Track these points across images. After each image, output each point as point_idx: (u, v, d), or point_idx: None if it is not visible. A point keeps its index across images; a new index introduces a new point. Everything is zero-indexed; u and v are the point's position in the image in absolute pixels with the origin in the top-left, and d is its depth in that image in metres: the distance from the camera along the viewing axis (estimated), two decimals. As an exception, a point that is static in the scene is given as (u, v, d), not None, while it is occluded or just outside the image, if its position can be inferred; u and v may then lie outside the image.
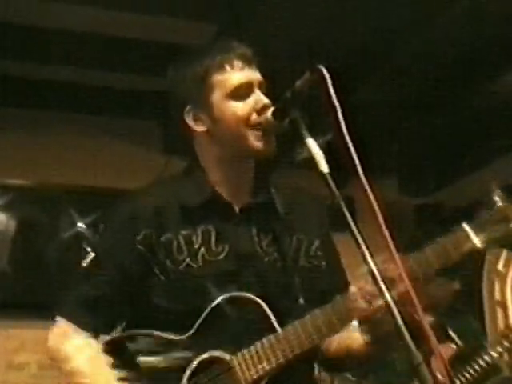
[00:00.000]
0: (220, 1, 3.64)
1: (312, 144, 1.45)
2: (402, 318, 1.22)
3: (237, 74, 1.65)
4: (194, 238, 1.62)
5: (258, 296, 1.56)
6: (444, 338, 2.73)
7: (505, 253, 2.54)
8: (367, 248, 1.31)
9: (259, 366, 1.52)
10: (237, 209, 1.69)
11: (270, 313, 1.55)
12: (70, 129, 4.72)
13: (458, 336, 2.73)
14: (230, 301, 1.56)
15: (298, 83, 1.50)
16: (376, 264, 1.30)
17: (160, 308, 1.60)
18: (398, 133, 4.83)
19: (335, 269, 1.78)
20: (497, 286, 2.49)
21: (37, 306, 4.16)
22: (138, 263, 1.62)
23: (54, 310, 1.71)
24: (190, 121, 1.69)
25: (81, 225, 4.52)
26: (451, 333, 2.67)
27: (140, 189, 1.76)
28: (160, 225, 1.63)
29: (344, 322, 1.54)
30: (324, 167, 1.42)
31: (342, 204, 1.36)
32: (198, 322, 1.56)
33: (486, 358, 2.55)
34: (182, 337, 1.57)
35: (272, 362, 1.52)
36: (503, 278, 2.51)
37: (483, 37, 3.64)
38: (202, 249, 1.61)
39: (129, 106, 4.72)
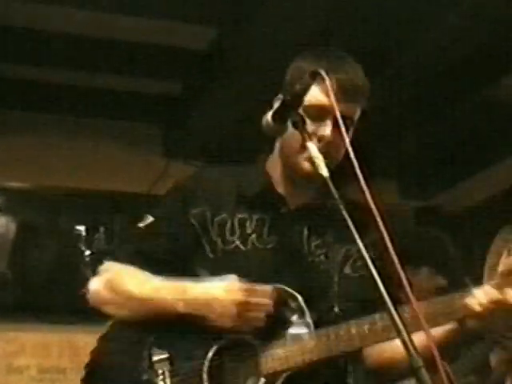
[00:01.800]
0: (220, 4, 3.64)
1: (312, 147, 1.45)
2: (403, 322, 1.22)
3: (321, 94, 1.59)
4: (247, 224, 1.66)
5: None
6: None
7: (504, 258, 2.51)
8: (368, 252, 1.30)
9: (283, 361, 1.53)
10: (292, 206, 1.71)
11: (306, 309, 1.56)
12: (70, 131, 4.72)
13: None
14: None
15: (298, 86, 1.51)
16: (376, 267, 1.30)
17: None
18: (397, 136, 4.82)
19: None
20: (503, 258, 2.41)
21: (37, 310, 4.17)
22: (190, 235, 1.67)
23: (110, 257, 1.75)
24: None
25: (80, 228, 4.53)
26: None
27: (203, 167, 1.84)
28: (217, 204, 1.68)
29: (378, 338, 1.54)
30: (324, 170, 1.42)
31: (343, 207, 1.36)
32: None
33: None
34: None
35: (297, 361, 1.53)
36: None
37: (484, 39, 3.64)
38: (254, 235, 1.65)
39: (129, 109, 4.72)
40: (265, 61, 3.59)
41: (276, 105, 1.58)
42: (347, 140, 1.44)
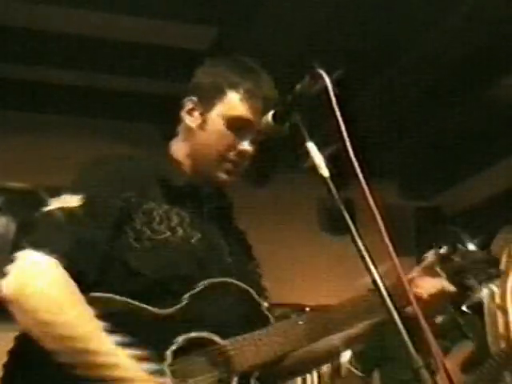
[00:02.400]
0: (220, 5, 3.64)
1: (312, 148, 1.45)
2: (403, 322, 1.22)
3: (249, 109, 1.64)
4: (171, 215, 1.60)
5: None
6: (459, 335, 2.74)
7: (504, 258, 2.55)
8: (368, 252, 1.31)
9: (256, 355, 1.51)
10: (206, 203, 1.69)
11: (262, 305, 1.57)
12: (70, 132, 4.73)
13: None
14: (218, 285, 1.55)
15: (299, 87, 1.51)
16: (377, 268, 1.30)
17: (134, 272, 1.52)
18: (398, 136, 4.83)
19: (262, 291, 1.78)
20: (497, 290, 2.50)
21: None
22: (118, 220, 1.54)
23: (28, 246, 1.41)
24: (185, 109, 1.71)
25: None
26: (466, 332, 2.69)
27: (126, 154, 1.72)
28: (143, 192, 1.59)
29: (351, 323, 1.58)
30: (324, 171, 1.42)
31: (343, 207, 1.37)
32: (184, 299, 1.51)
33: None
34: (163, 311, 1.49)
35: (270, 354, 1.52)
36: (503, 283, 2.52)
37: (484, 39, 3.65)
38: (179, 228, 1.59)
39: (128, 109, 4.73)
40: (265, 60, 3.59)
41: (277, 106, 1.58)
42: (347, 140, 1.44)
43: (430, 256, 1.70)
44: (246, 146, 1.65)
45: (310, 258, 5.30)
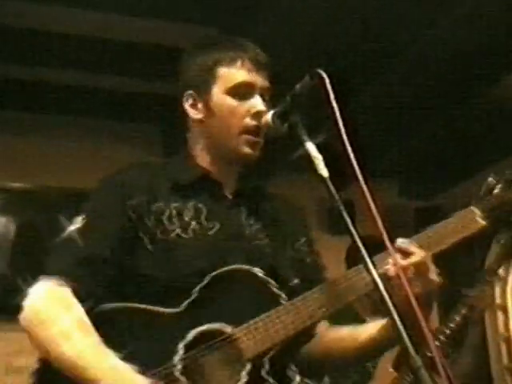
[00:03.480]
0: (220, 4, 3.65)
1: (311, 148, 1.46)
2: (402, 320, 1.22)
3: (243, 72, 1.65)
4: (184, 212, 1.60)
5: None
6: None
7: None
8: (367, 251, 1.31)
9: (267, 338, 1.47)
10: (228, 191, 1.69)
11: (274, 286, 1.53)
12: (69, 132, 4.73)
13: None
14: (230, 274, 1.53)
15: (298, 87, 1.51)
16: (375, 267, 1.30)
17: (147, 278, 1.55)
18: (398, 136, 4.83)
19: (318, 268, 1.78)
20: (498, 290, 2.49)
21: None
22: (128, 230, 1.57)
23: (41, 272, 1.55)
24: (187, 105, 1.71)
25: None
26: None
27: (131, 163, 1.74)
28: (152, 194, 1.61)
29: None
30: (323, 171, 1.42)
31: (342, 207, 1.37)
32: (194, 293, 1.51)
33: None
34: (175, 310, 1.50)
35: (281, 334, 1.48)
36: (504, 282, 2.52)
37: (484, 39, 3.65)
38: (193, 222, 1.60)
39: (129, 110, 4.73)
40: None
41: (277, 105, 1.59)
42: (345, 139, 1.44)
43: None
44: (257, 105, 1.64)
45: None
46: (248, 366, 1.46)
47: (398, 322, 1.22)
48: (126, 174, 1.66)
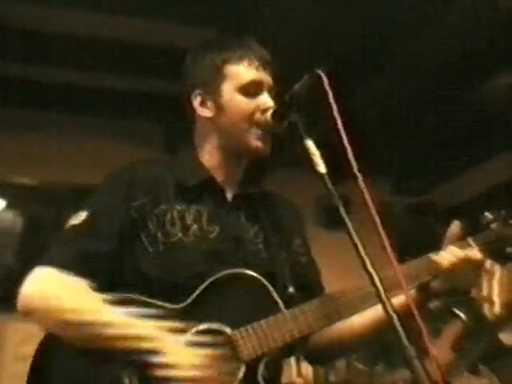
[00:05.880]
0: (220, 5, 3.65)
1: (310, 145, 1.48)
2: (397, 315, 1.25)
3: (252, 71, 1.68)
4: (186, 215, 1.63)
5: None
6: (450, 316, 2.75)
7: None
8: (363, 247, 1.33)
9: (264, 343, 1.50)
10: (229, 195, 1.72)
11: (274, 292, 1.55)
12: (74, 129, 4.78)
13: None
14: (230, 277, 1.55)
15: (297, 86, 1.54)
16: (372, 263, 1.32)
17: (147, 278, 1.56)
18: (391, 132, 4.84)
19: (313, 267, 1.83)
20: (485, 283, 2.51)
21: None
22: (129, 229, 1.59)
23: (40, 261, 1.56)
24: (196, 104, 1.72)
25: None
26: (456, 310, 2.70)
27: (139, 160, 1.75)
28: (156, 196, 1.63)
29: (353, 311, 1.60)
30: (322, 168, 1.45)
31: (339, 204, 1.40)
32: (195, 293, 1.53)
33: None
34: (177, 306, 1.53)
35: (278, 341, 1.51)
36: (491, 276, 2.54)
37: (479, 38, 3.66)
38: (195, 226, 1.62)
39: (131, 108, 4.76)
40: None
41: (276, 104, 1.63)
42: (344, 138, 1.46)
43: (453, 227, 1.73)
44: (267, 102, 1.66)
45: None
46: (243, 369, 1.49)
47: (393, 314, 1.24)
48: (133, 173, 1.67)
